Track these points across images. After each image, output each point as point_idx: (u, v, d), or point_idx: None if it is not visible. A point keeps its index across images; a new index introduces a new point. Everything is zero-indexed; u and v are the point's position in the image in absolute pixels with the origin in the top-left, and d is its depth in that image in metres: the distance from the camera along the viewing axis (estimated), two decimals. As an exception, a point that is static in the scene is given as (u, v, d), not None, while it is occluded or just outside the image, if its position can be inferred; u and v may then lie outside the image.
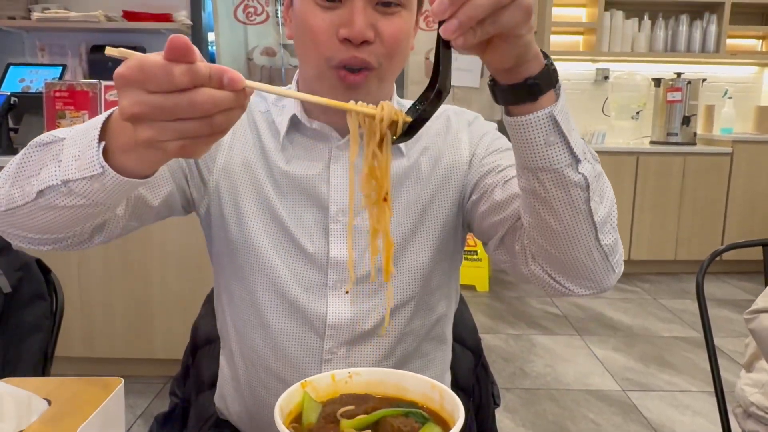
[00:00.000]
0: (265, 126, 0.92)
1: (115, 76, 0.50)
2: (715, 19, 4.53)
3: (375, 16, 0.79)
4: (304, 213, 0.89)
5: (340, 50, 0.79)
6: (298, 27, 0.82)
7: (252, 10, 4.60)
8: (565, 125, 0.65)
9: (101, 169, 0.59)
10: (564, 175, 0.66)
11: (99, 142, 0.59)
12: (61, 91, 2.50)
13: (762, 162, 4.36)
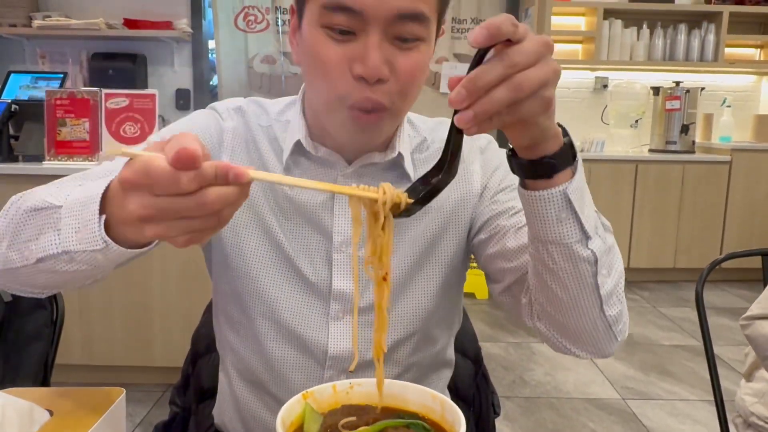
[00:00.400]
0: (266, 143, 0.88)
1: (120, 180, 0.51)
2: (714, 28, 4.55)
3: (391, 50, 0.73)
4: (307, 240, 0.86)
5: (354, 89, 0.73)
6: (308, 56, 0.77)
7: (252, 18, 4.62)
8: (578, 203, 0.66)
9: (104, 244, 0.59)
10: (573, 250, 0.67)
11: (99, 215, 0.59)
12: (61, 99, 2.50)
13: (760, 170, 4.37)
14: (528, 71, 0.54)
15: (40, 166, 2.49)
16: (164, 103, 4.36)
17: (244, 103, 0.92)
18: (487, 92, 0.54)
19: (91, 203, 0.59)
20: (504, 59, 0.54)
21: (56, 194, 0.65)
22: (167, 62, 4.58)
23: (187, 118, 0.90)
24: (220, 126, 0.88)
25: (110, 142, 2.52)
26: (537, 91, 0.55)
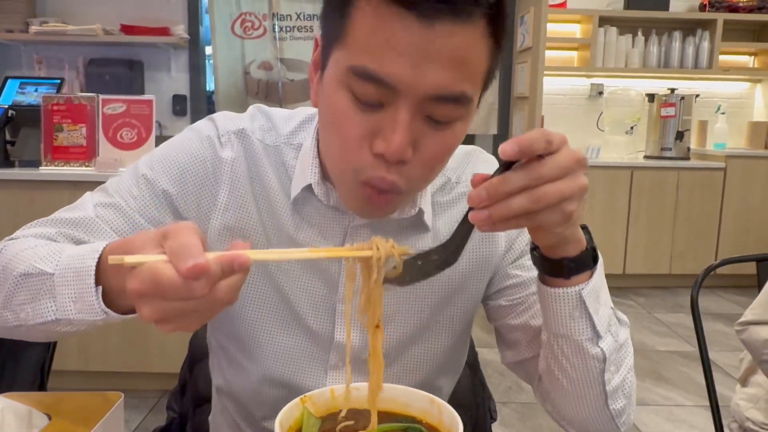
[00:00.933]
0: (271, 171, 0.79)
1: (129, 292, 0.50)
2: (708, 35, 4.58)
3: (422, 129, 0.63)
4: (311, 287, 0.80)
5: (371, 165, 0.64)
6: (326, 114, 0.68)
7: (249, 24, 4.63)
8: (593, 304, 0.67)
9: (104, 314, 0.60)
10: (583, 346, 0.68)
11: (96, 287, 0.59)
12: (59, 105, 2.51)
13: (755, 177, 4.39)
14: (551, 184, 0.55)
15: (37, 172, 2.49)
16: (161, 108, 4.37)
17: (248, 122, 0.81)
18: (507, 200, 0.55)
19: (86, 275, 0.60)
20: (530, 171, 0.55)
21: (45, 257, 0.65)
22: (164, 68, 4.59)
23: (179, 142, 0.81)
24: (216, 156, 0.79)
25: (107, 148, 2.52)
26: (557, 204, 0.55)
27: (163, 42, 4.34)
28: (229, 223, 0.79)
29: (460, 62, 0.60)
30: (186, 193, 0.78)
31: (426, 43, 0.58)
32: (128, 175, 0.80)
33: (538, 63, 4.11)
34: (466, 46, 0.60)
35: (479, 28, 0.60)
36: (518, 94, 4.58)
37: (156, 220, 0.77)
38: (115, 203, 0.77)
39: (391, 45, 0.59)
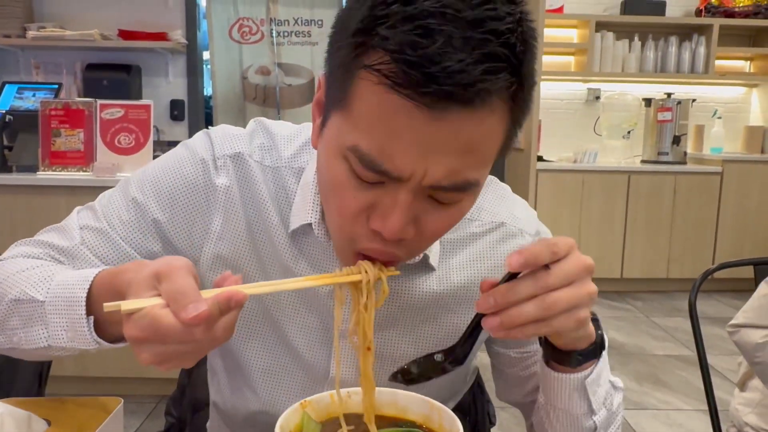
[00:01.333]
0: (269, 194, 0.75)
1: (128, 338, 0.51)
2: (704, 40, 4.60)
3: (425, 206, 0.59)
4: (307, 321, 0.78)
5: (366, 238, 0.61)
6: (325, 177, 0.62)
7: (247, 29, 4.64)
8: (593, 387, 0.69)
9: (96, 345, 0.61)
10: (577, 419, 0.71)
11: (87, 317, 0.60)
12: (56, 110, 2.51)
13: (751, 181, 4.41)
14: (560, 292, 0.55)
15: (34, 177, 2.49)
16: (159, 113, 4.37)
17: (246, 144, 0.76)
18: (516, 306, 0.55)
19: (77, 305, 0.60)
20: (537, 280, 0.55)
21: (36, 284, 0.65)
22: (162, 73, 4.59)
23: (173, 163, 0.76)
24: (210, 182, 0.75)
25: (105, 153, 2.52)
26: (568, 311, 0.56)
27: (161, 47, 4.35)
28: (222, 252, 0.76)
29: (470, 151, 0.56)
30: (176, 221, 0.75)
31: (434, 134, 0.53)
32: (119, 194, 0.77)
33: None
34: (479, 135, 0.55)
35: (495, 112, 0.55)
36: (515, 98, 4.58)
37: (143, 249, 0.75)
38: (101, 229, 0.75)
39: (395, 134, 0.54)
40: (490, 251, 0.79)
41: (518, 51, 0.53)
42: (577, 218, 4.35)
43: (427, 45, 0.50)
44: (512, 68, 0.53)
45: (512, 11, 0.53)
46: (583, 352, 0.65)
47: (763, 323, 1.26)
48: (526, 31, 0.55)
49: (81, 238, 0.74)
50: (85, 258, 0.74)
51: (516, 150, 4.50)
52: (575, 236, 4.33)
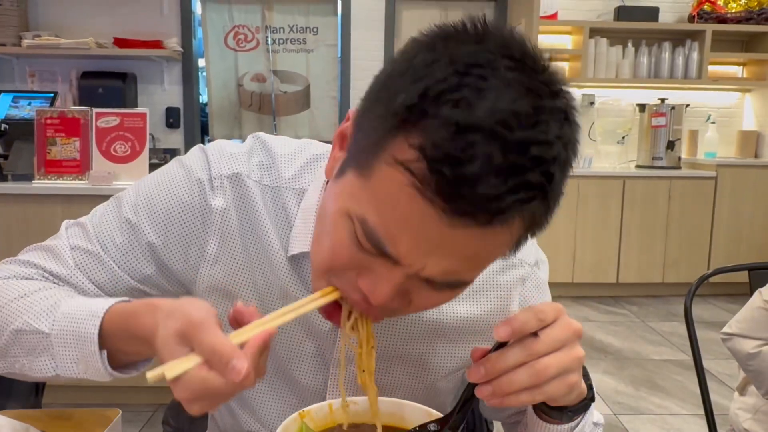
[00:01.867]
0: (269, 216, 0.73)
1: (179, 399, 0.51)
2: (697, 46, 4.63)
3: (416, 285, 0.57)
4: (303, 347, 0.77)
5: (350, 286, 0.59)
6: (324, 222, 0.60)
7: (242, 37, 4.65)
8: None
9: (111, 377, 0.62)
10: None
11: (101, 351, 0.60)
12: (52, 118, 2.50)
13: (745, 185, 4.43)
14: (549, 358, 0.56)
15: (30, 185, 2.48)
16: (154, 121, 4.37)
17: (244, 164, 0.74)
18: (507, 374, 0.56)
19: (88, 342, 0.60)
20: (525, 348, 0.56)
21: (40, 314, 0.64)
22: (157, 81, 4.59)
23: (167, 183, 0.74)
24: (206, 204, 0.73)
25: (101, 162, 2.52)
26: (559, 377, 0.57)
27: (156, 55, 4.35)
28: (218, 275, 0.74)
29: (473, 259, 0.55)
30: (171, 244, 0.74)
31: (445, 239, 0.52)
32: (112, 213, 0.75)
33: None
34: (488, 247, 0.55)
35: (512, 229, 0.53)
36: (510, 104, 4.60)
37: (137, 273, 0.74)
38: (94, 252, 0.73)
39: (406, 226, 0.52)
40: (490, 281, 0.77)
41: (556, 179, 0.52)
42: (572, 223, 4.37)
43: (465, 161, 0.48)
44: (543, 195, 0.52)
45: (562, 135, 0.52)
46: (573, 408, 0.66)
47: (754, 335, 1.28)
48: (570, 154, 0.53)
49: (74, 262, 0.73)
50: (80, 284, 0.73)
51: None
52: (570, 241, 4.35)
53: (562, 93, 0.54)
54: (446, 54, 0.51)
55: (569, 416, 0.66)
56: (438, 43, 0.53)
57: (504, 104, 0.49)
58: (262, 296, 0.75)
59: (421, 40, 0.54)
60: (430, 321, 0.76)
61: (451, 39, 0.53)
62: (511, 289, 0.78)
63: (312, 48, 4.70)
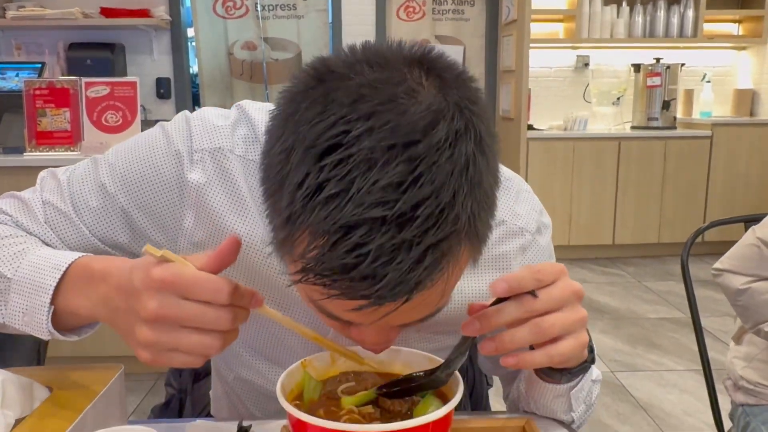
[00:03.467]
0: (248, 192, 0.71)
1: (153, 279, 0.50)
2: (692, 3, 4.58)
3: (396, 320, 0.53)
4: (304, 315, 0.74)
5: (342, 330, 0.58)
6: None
7: (231, 4, 4.57)
8: (575, 395, 0.71)
9: (49, 335, 0.61)
10: (555, 413, 0.74)
11: (49, 306, 0.59)
12: (41, 89, 2.47)
13: (741, 144, 4.42)
14: (551, 316, 0.55)
15: (21, 158, 2.46)
16: (144, 92, 4.32)
17: (227, 137, 0.71)
18: (510, 330, 0.55)
19: (43, 293, 0.60)
20: (522, 305, 0.55)
21: (6, 259, 0.64)
22: (146, 51, 4.53)
23: (146, 150, 0.72)
24: (182, 177, 0.71)
25: (92, 132, 2.49)
26: (568, 335, 0.56)
27: (144, 24, 4.28)
28: (195, 247, 0.73)
29: (428, 304, 0.53)
30: (147, 213, 0.72)
31: (388, 311, 0.49)
32: (89, 174, 0.73)
33: (523, 36, 4.09)
34: (432, 297, 0.51)
35: (445, 273, 0.49)
36: (504, 67, 4.56)
37: (109, 240, 0.73)
38: (66, 213, 0.72)
39: (349, 314, 0.51)
40: (491, 249, 0.76)
41: (467, 218, 0.47)
42: (568, 186, 4.37)
43: (353, 266, 0.45)
44: (458, 238, 0.48)
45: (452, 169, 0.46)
46: (574, 369, 0.66)
47: (744, 272, 1.30)
48: (474, 186, 0.47)
49: (45, 218, 0.72)
50: (49, 240, 0.72)
51: (506, 119, 4.49)
52: (566, 204, 4.36)
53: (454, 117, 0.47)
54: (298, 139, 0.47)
55: (569, 377, 0.67)
56: (288, 123, 0.49)
57: (371, 186, 0.44)
58: (248, 261, 0.72)
59: (275, 115, 0.52)
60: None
61: (297, 115, 0.48)
62: (511, 259, 0.77)
63: (302, 14, 4.62)
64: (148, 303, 0.50)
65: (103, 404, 0.62)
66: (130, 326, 0.53)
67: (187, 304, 0.50)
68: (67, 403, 0.61)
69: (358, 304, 0.47)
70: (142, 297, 0.51)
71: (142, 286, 0.51)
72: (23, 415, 0.59)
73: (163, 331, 0.50)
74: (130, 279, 0.52)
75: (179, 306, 0.50)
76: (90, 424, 0.59)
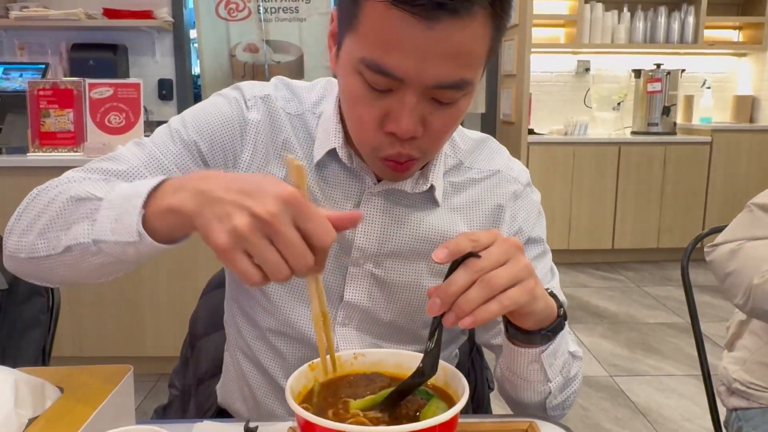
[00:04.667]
0: (294, 135, 0.84)
1: (290, 191, 0.54)
2: (693, 10, 4.60)
3: (428, 108, 0.69)
4: None
5: (386, 144, 0.71)
6: (344, 94, 0.74)
7: (233, 6, 4.58)
8: (549, 360, 0.75)
9: (138, 237, 0.59)
10: (533, 384, 0.78)
11: (141, 209, 0.60)
12: (44, 90, 2.48)
13: (740, 150, 4.44)
14: (497, 271, 0.61)
15: (25, 158, 2.47)
16: (147, 93, 4.32)
17: (272, 90, 0.86)
18: (463, 295, 0.60)
19: (136, 197, 0.60)
20: (468, 267, 0.61)
21: (99, 187, 0.66)
22: (148, 52, 4.54)
23: (208, 104, 0.85)
24: (243, 117, 0.83)
25: (95, 133, 2.50)
26: (515, 285, 0.62)
27: (147, 25, 4.29)
28: None
29: (460, 55, 0.65)
30: (215, 151, 0.82)
31: (427, 41, 0.63)
32: (161, 132, 0.83)
33: (525, 40, 4.11)
34: (466, 40, 0.64)
35: (479, 19, 0.64)
36: (505, 72, 4.58)
37: None
38: (153, 154, 0.79)
39: (396, 44, 0.64)
40: (487, 194, 0.88)
41: None
42: (568, 190, 4.38)
43: None
44: None
45: None
46: (544, 330, 0.71)
47: (737, 237, 1.29)
48: None
49: (138, 161, 0.78)
50: (144, 178, 0.76)
51: (507, 123, 4.50)
52: (566, 208, 4.37)
53: None
54: None
55: (540, 338, 0.72)
56: None
57: None
58: None
59: None
60: (435, 226, 0.84)
61: None
62: (503, 204, 0.87)
63: (304, 17, 4.63)
64: (269, 204, 0.53)
65: (113, 404, 0.63)
66: (228, 212, 0.53)
67: (293, 230, 0.53)
68: (78, 403, 0.62)
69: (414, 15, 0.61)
70: (267, 198, 0.53)
71: (273, 190, 0.54)
72: (36, 415, 0.60)
73: (258, 235, 0.53)
74: (259, 180, 0.55)
75: (287, 225, 0.53)
76: (101, 424, 0.60)
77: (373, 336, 0.88)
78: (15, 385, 0.58)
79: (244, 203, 0.53)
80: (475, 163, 0.89)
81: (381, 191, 0.83)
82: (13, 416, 0.57)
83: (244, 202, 0.53)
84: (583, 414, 2.41)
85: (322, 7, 4.63)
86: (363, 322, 0.86)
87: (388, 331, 0.88)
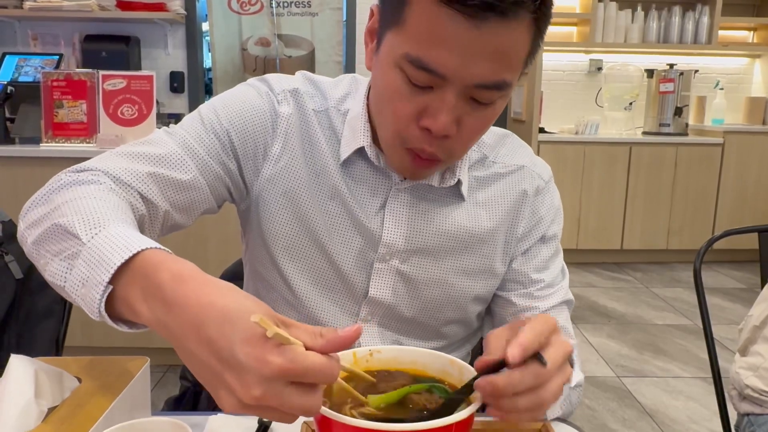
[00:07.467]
0: (320, 132, 0.85)
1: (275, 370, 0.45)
2: (707, 10, 4.56)
3: (465, 108, 0.70)
4: (352, 242, 0.85)
5: (417, 138, 0.72)
6: (380, 89, 0.75)
7: (246, 0, 4.58)
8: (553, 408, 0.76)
9: (99, 316, 0.55)
10: None
11: (107, 285, 0.54)
12: (58, 81, 2.49)
13: (752, 152, 4.41)
14: (550, 384, 0.56)
15: (37, 149, 2.48)
16: (158, 86, 4.31)
17: (300, 84, 0.86)
18: (514, 400, 0.55)
19: (105, 270, 0.54)
20: (534, 375, 0.55)
21: (89, 222, 0.60)
22: (161, 45, 4.55)
23: (239, 94, 0.84)
24: (275, 110, 0.84)
25: (108, 125, 2.51)
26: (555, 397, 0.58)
27: (160, 18, 4.30)
28: (278, 172, 0.83)
29: (503, 56, 0.66)
30: (246, 142, 0.82)
31: (473, 41, 0.64)
32: (192, 119, 0.82)
33: (537, 38, 4.09)
34: (511, 42, 0.66)
35: (524, 22, 0.65)
36: (517, 70, 4.55)
37: (223, 163, 0.81)
38: (186, 141, 0.79)
39: (442, 41, 0.65)
40: (511, 188, 0.88)
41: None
42: (578, 189, 4.36)
43: None
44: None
45: None
46: None
47: None
48: None
49: (175, 142, 0.77)
50: (184, 164, 0.77)
51: (517, 121, 4.49)
52: (576, 208, 4.35)
53: None
54: None
55: None
56: None
57: None
58: (313, 193, 0.84)
59: None
60: (460, 223, 0.86)
61: None
62: (525, 198, 0.88)
63: (317, 11, 4.63)
64: (253, 389, 0.46)
65: (131, 395, 0.64)
66: (212, 383, 0.48)
67: (285, 398, 0.47)
68: (96, 393, 0.63)
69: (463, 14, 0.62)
70: (248, 378, 0.46)
71: (254, 365, 0.45)
72: (54, 405, 0.60)
73: (251, 409, 0.47)
74: (232, 348, 0.46)
75: (278, 398, 0.46)
76: (119, 414, 0.60)
77: (395, 332, 0.89)
78: (35, 375, 0.59)
79: (227, 381, 0.46)
80: (499, 157, 0.90)
81: (408, 187, 0.84)
82: (33, 406, 0.57)
83: (226, 379, 0.46)
84: (589, 414, 2.41)
85: (334, 2, 4.62)
86: (385, 317, 0.87)
87: (409, 327, 0.89)
